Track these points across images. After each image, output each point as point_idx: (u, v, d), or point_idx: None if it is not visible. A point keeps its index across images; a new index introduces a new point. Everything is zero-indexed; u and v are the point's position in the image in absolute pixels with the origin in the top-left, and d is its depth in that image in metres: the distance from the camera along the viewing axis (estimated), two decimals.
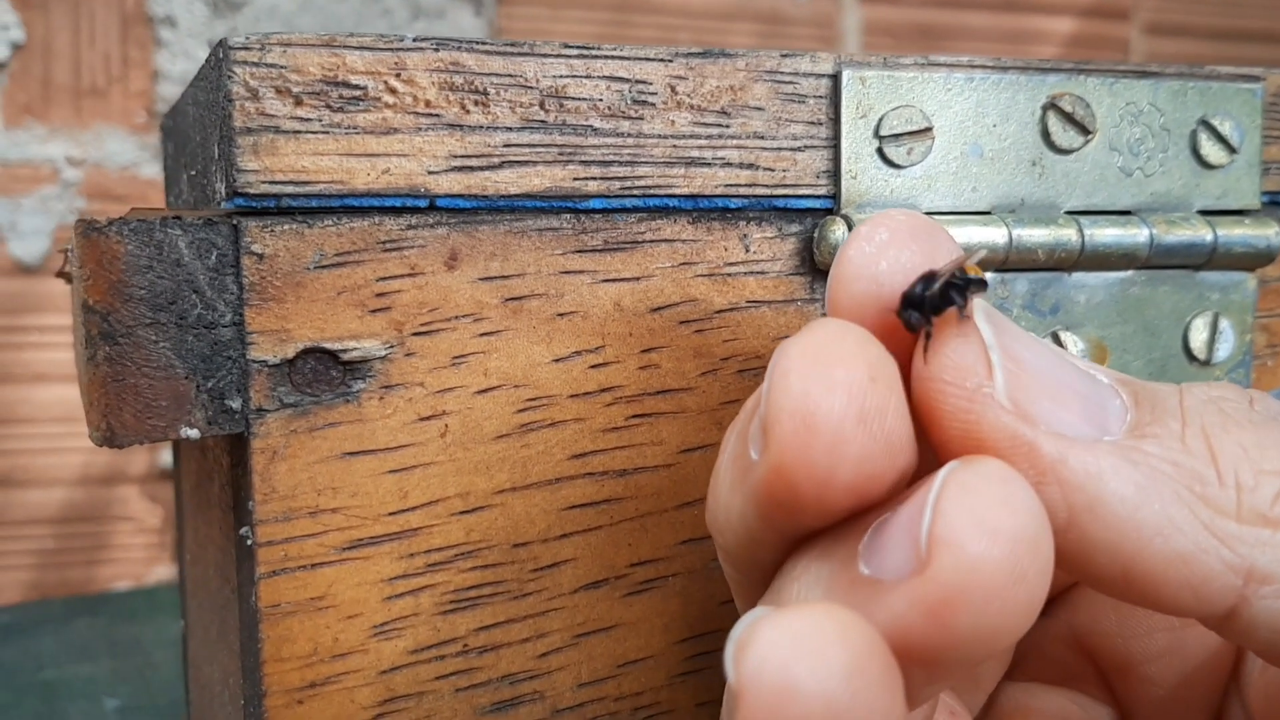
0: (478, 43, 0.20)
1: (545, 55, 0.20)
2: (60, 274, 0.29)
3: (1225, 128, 0.24)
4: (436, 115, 0.20)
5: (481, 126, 0.20)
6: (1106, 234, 0.23)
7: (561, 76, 0.20)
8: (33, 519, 0.71)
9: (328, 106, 0.19)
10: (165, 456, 0.72)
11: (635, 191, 0.21)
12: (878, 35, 0.93)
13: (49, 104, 0.71)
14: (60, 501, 0.72)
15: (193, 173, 0.24)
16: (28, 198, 0.70)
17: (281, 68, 0.19)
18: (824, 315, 0.22)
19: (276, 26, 0.74)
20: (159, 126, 0.34)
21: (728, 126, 0.21)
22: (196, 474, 0.27)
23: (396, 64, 0.20)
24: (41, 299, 0.71)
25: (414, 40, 0.20)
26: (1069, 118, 0.23)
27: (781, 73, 0.22)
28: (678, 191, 0.21)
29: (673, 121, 0.21)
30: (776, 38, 0.89)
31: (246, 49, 0.19)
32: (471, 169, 0.20)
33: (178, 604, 0.58)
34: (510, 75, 0.20)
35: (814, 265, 0.22)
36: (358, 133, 0.19)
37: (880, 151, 0.22)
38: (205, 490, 0.25)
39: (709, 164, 0.21)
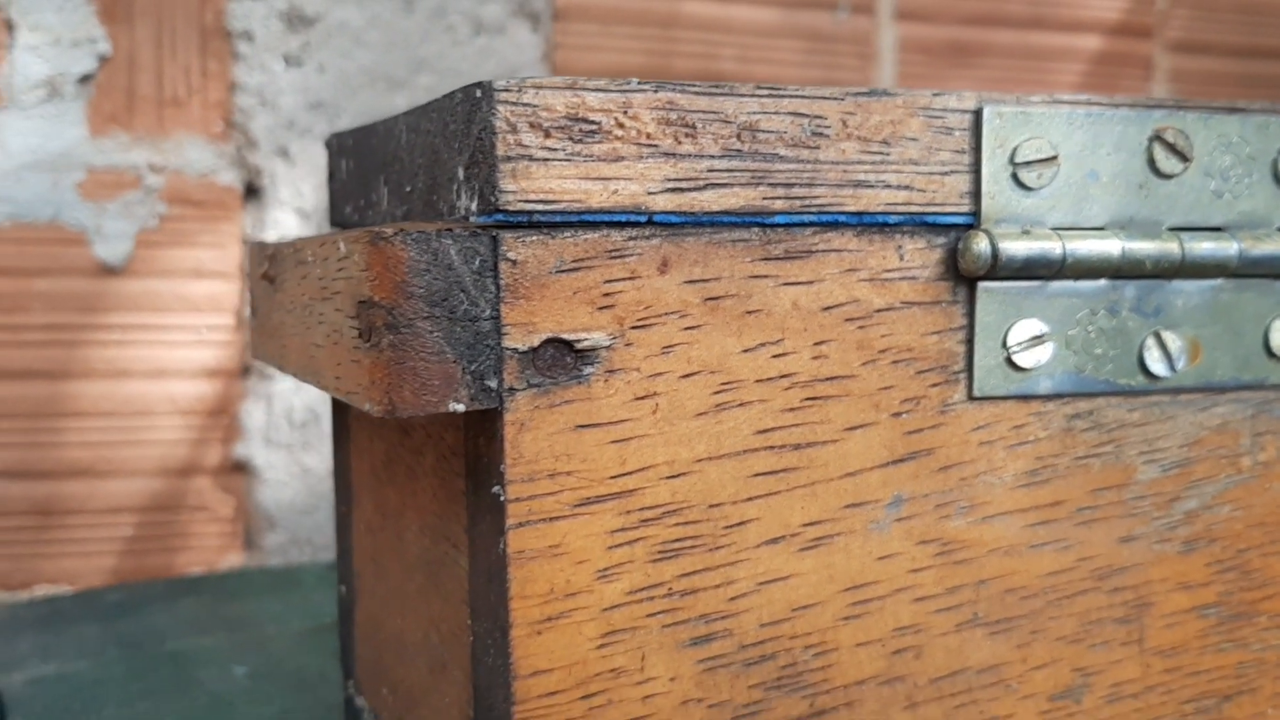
0: (688, 85, 0.24)
1: (741, 95, 0.24)
2: (264, 276, 0.33)
3: None
4: (655, 145, 0.24)
5: (690, 155, 0.24)
6: (1202, 247, 0.27)
7: (754, 113, 0.24)
8: (113, 508, 0.75)
9: (570, 138, 0.23)
10: (238, 450, 0.76)
11: (812, 209, 0.25)
12: (912, 52, 0.97)
13: (133, 113, 0.74)
14: (139, 492, 0.76)
15: (408, 189, 0.28)
16: (112, 202, 0.73)
17: (535, 106, 0.23)
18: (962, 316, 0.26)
19: (347, 42, 0.78)
20: (324, 144, 0.37)
21: (888, 154, 0.25)
22: (387, 454, 0.31)
23: (625, 103, 0.23)
24: (123, 299, 0.74)
25: (638, 83, 0.24)
26: (1171, 148, 0.27)
27: (933, 108, 0.25)
28: (847, 209, 0.25)
29: (844, 150, 0.25)
30: (816, 54, 0.93)
31: (508, 90, 0.23)
32: (682, 190, 0.24)
33: (273, 584, 0.62)
34: (713, 112, 0.24)
35: (957, 272, 0.26)
36: (593, 160, 0.23)
37: (1014, 176, 0.26)
38: (409, 464, 0.29)
39: (873, 186, 0.25)
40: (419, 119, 0.27)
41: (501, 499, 0.23)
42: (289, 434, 0.78)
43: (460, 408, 0.23)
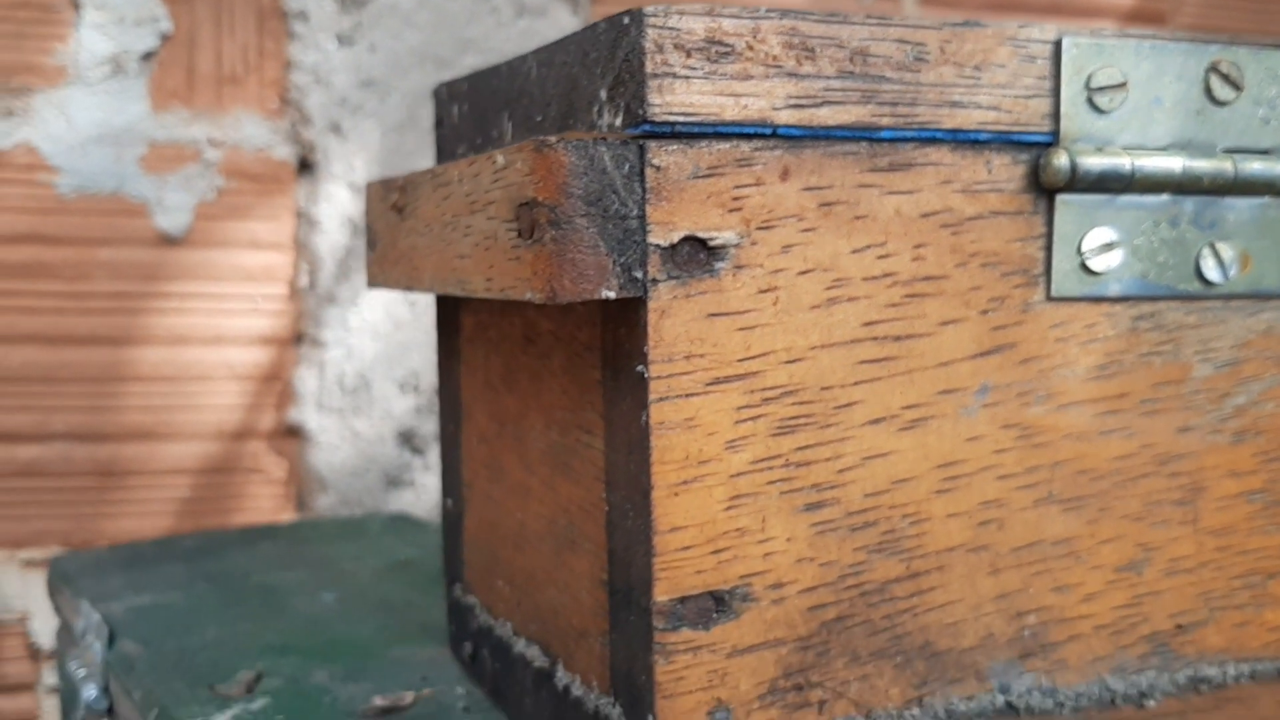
0: (809, 13, 0.27)
1: (854, 23, 0.28)
2: (394, 207, 0.36)
3: None
4: (780, 66, 0.27)
5: (810, 75, 0.27)
6: (1252, 168, 0.30)
7: (865, 39, 0.28)
8: (171, 469, 0.78)
9: (708, 59, 0.26)
10: (292, 414, 0.79)
11: (914, 125, 0.28)
12: None
13: (193, 90, 0.78)
14: (196, 454, 0.79)
15: (539, 119, 0.31)
16: (172, 175, 0.77)
17: (678, 30, 0.26)
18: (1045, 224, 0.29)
19: (397, 23, 0.81)
20: (432, 94, 0.40)
21: (980, 78, 0.29)
22: (505, 366, 0.35)
23: (755, 28, 0.27)
24: (183, 268, 0.78)
25: (766, 11, 0.27)
26: (1226, 78, 0.30)
27: (1019, 39, 0.29)
28: (944, 126, 0.28)
29: (941, 74, 0.28)
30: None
31: (655, 15, 0.26)
32: (802, 106, 0.27)
33: (340, 532, 0.65)
34: (830, 38, 0.27)
35: (1039, 185, 0.29)
36: (727, 78, 0.27)
37: (1090, 100, 0.29)
38: (533, 370, 0.33)
39: (966, 106, 0.29)
40: (552, 54, 0.30)
41: (645, 376, 0.27)
42: (340, 399, 0.81)
43: (611, 294, 0.26)
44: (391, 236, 0.36)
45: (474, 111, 0.36)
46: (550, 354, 0.32)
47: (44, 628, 0.75)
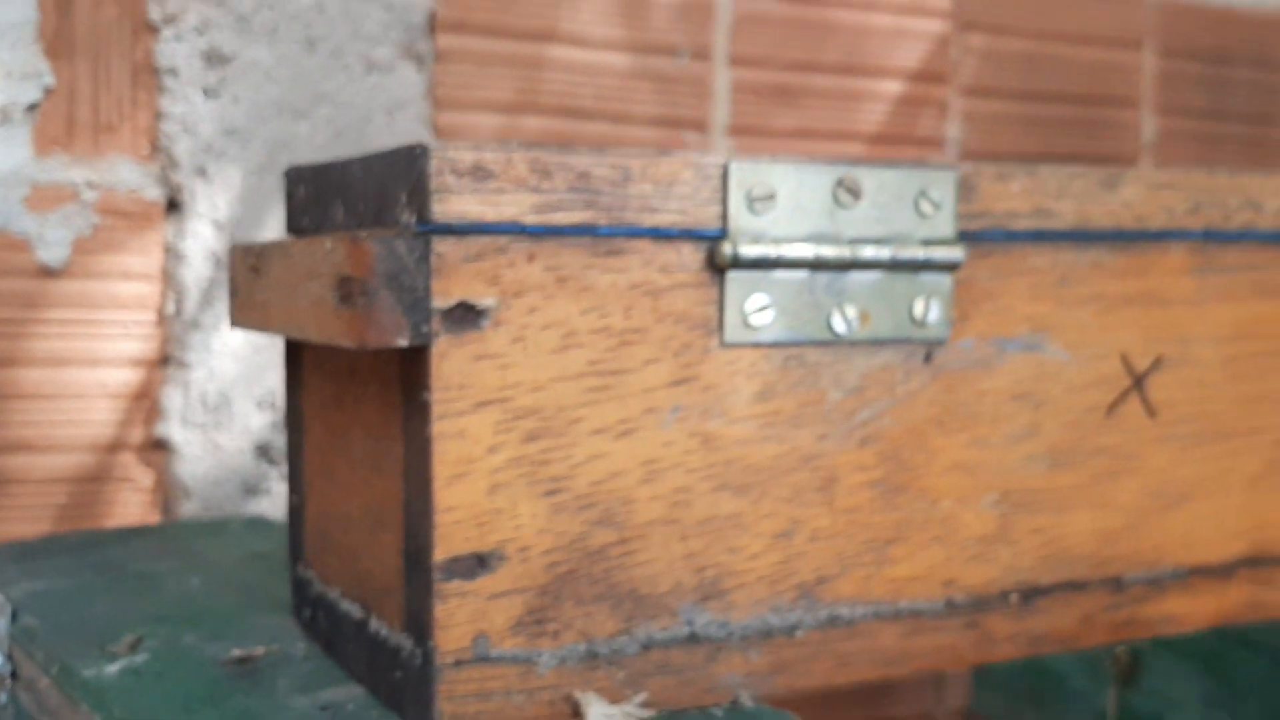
0: (548, 147, 0.39)
1: (580, 154, 0.40)
2: (252, 268, 0.47)
3: (934, 195, 0.44)
4: (525, 183, 0.39)
5: (548, 189, 0.39)
6: (867, 252, 0.43)
7: (587, 165, 0.40)
8: (50, 479, 0.88)
9: (474, 179, 0.38)
10: (159, 429, 0.89)
11: (624, 224, 0.40)
12: (744, 93, 1.14)
13: (72, 137, 0.87)
14: (73, 465, 0.88)
15: (361, 207, 0.42)
16: (53, 213, 0.86)
17: (453, 159, 0.38)
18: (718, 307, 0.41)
19: (259, 78, 0.92)
20: (286, 173, 0.51)
21: (670, 191, 0.41)
22: (336, 390, 0.46)
23: (508, 159, 0.39)
24: (62, 297, 0.87)
25: (517, 144, 0.39)
26: (849, 189, 0.43)
27: (699, 164, 0.41)
28: (645, 224, 0.41)
29: (643, 189, 0.40)
30: (662, 94, 1.09)
31: (438, 148, 0.38)
32: (542, 211, 0.39)
33: (204, 531, 0.75)
34: (562, 164, 0.39)
35: (714, 265, 0.42)
36: (488, 192, 0.38)
37: (749, 206, 0.42)
38: (356, 394, 0.44)
39: (660, 211, 0.41)
40: (371, 162, 0.42)
41: (429, 401, 0.38)
42: (203, 416, 0.91)
43: (405, 344, 0.38)
44: (249, 290, 0.47)
45: (315, 194, 0.47)
46: (367, 383, 0.43)
47: None
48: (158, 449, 0.90)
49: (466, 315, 0.38)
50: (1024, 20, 1.28)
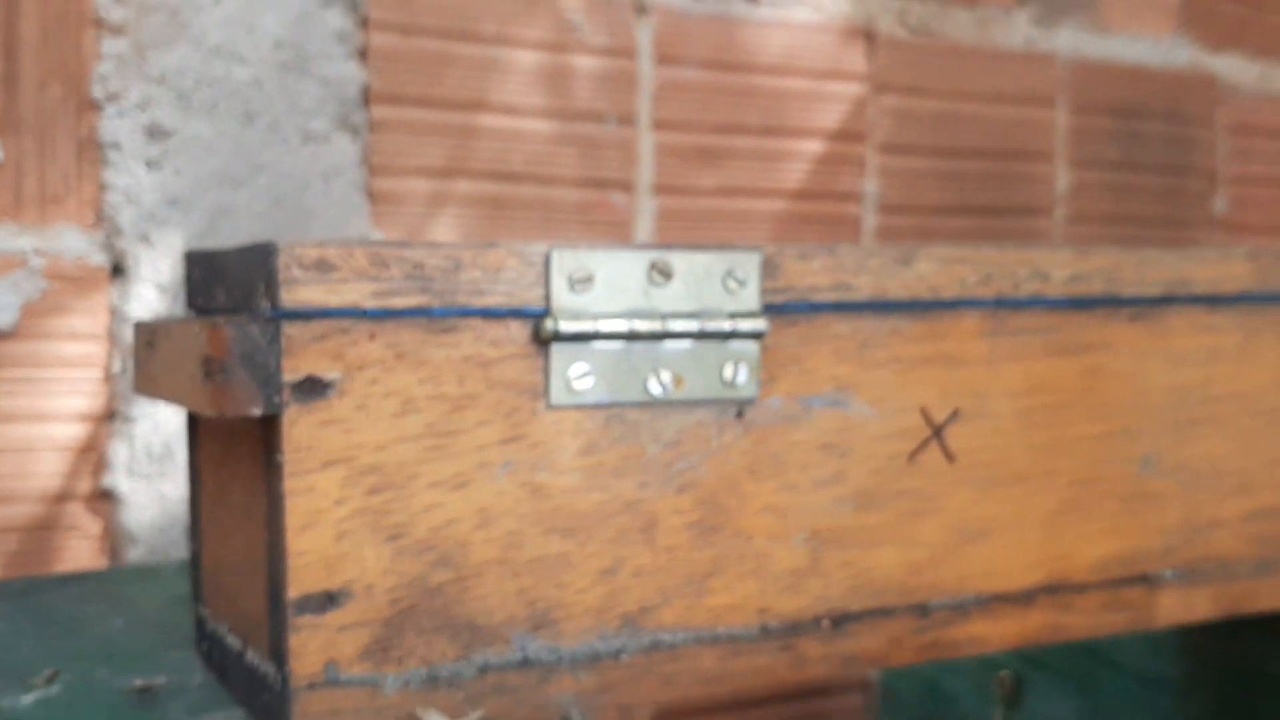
0: (385, 242, 0.46)
1: (415, 246, 0.46)
2: (147, 343, 0.53)
3: (739, 274, 0.50)
4: (365, 273, 0.45)
5: (385, 278, 0.46)
6: (680, 324, 0.49)
7: (421, 256, 0.46)
8: (2, 528, 0.93)
9: (319, 270, 0.45)
10: (105, 480, 0.95)
11: (455, 306, 0.47)
12: (668, 155, 1.21)
13: (20, 208, 0.94)
14: (23, 514, 0.94)
15: (235, 291, 0.49)
16: (3, 279, 0.92)
17: (300, 254, 0.44)
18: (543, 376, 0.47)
19: (199, 150, 0.99)
20: (184, 256, 0.58)
21: (498, 277, 0.47)
22: (222, 450, 0.52)
23: (349, 253, 0.45)
24: (11, 357, 0.93)
25: (357, 241, 0.45)
26: (661, 270, 0.49)
27: (523, 253, 0.48)
28: (476, 305, 0.47)
29: (473, 275, 0.47)
30: (589, 157, 1.16)
31: (286, 246, 0.44)
32: (381, 296, 0.46)
33: (139, 576, 0.81)
34: (399, 256, 0.46)
35: (540, 338, 0.48)
36: (331, 282, 0.45)
37: (570, 287, 0.48)
38: (234, 453, 0.50)
39: (489, 294, 0.47)
40: (241, 255, 0.48)
41: (281, 462, 0.44)
42: (148, 466, 0.97)
43: (259, 412, 0.44)
44: (145, 362, 0.53)
45: (205, 277, 0.53)
46: (241, 444, 0.49)
47: None
48: (105, 499, 0.96)
49: (314, 387, 0.45)
50: (938, 82, 1.35)
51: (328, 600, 0.45)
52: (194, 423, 0.57)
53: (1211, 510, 0.61)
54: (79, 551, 0.97)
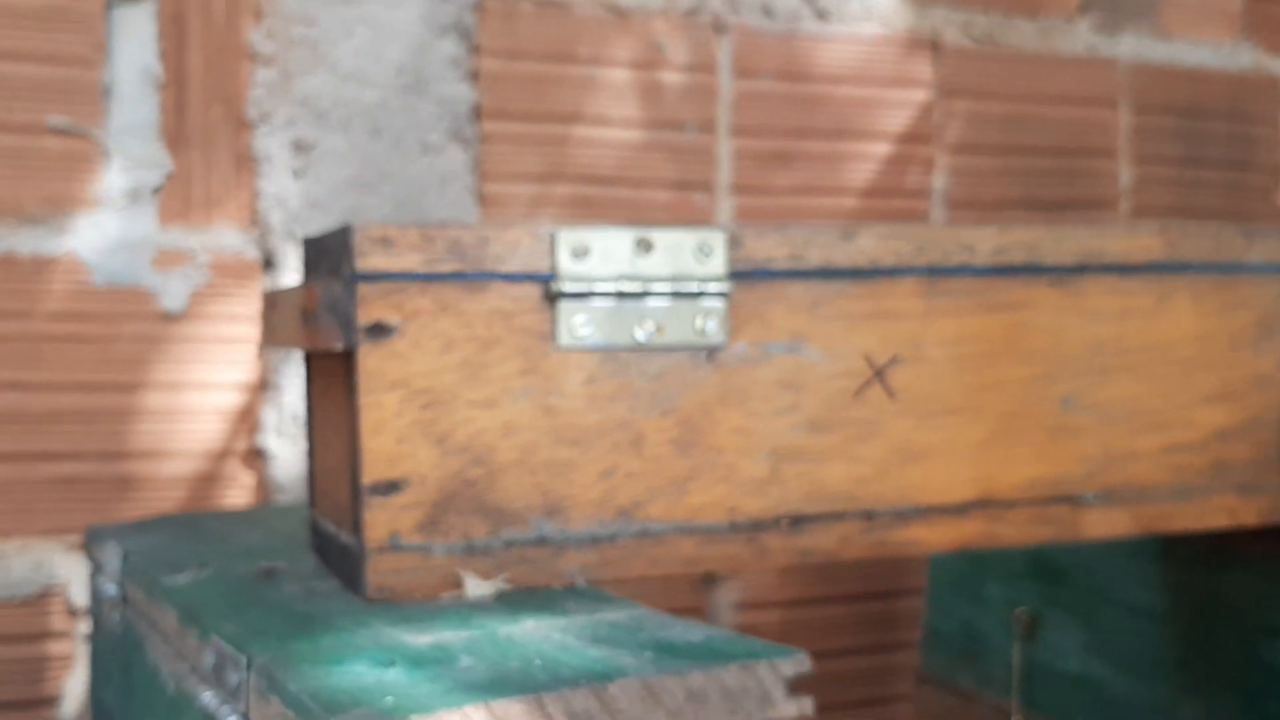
0: (433, 224, 0.62)
1: (454, 227, 0.62)
2: (268, 304, 0.71)
3: (709, 246, 0.66)
4: (416, 247, 0.62)
5: (431, 251, 0.62)
6: (659, 286, 0.65)
7: (456, 235, 0.62)
8: (173, 479, 1.13)
9: (382, 245, 0.61)
10: (258, 439, 1.14)
11: (484, 271, 0.63)
12: (744, 158, 1.37)
13: (188, 211, 1.13)
14: (190, 469, 1.13)
15: (330, 262, 0.66)
16: (174, 271, 1.12)
17: (370, 234, 0.61)
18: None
19: (335, 162, 1.17)
20: (301, 241, 0.75)
21: (517, 249, 0.63)
22: (325, 381, 0.69)
23: (404, 231, 0.62)
24: (182, 337, 1.13)
25: (412, 225, 0.62)
26: (644, 243, 0.65)
27: (536, 233, 0.63)
28: (500, 271, 0.63)
29: (498, 250, 0.63)
30: (673, 161, 1.32)
31: (359, 227, 0.61)
32: (428, 263, 0.62)
33: (283, 513, 0.99)
34: (443, 234, 0.62)
35: (549, 296, 0.64)
36: (392, 253, 0.61)
37: (573, 256, 0.64)
38: (330, 384, 0.67)
39: (510, 261, 0.63)
40: (334, 236, 0.65)
41: (356, 384, 0.61)
42: (293, 428, 1.16)
43: (340, 348, 0.61)
44: (268, 319, 0.71)
45: (314, 254, 0.71)
46: (334, 377, 0.66)
47: (79, 593, 1.09)
48: (257, 455, 1.15)
49: (380, 330, 0.61)
50: (1002, 86, 1.47)
51: (391, 486, 0.61)
52: (308, 364, 0.74)
53: (1129, 443, 0.74)
54: (236, 500, 1.16)
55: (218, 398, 1.15)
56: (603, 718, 0.45)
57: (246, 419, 1.17)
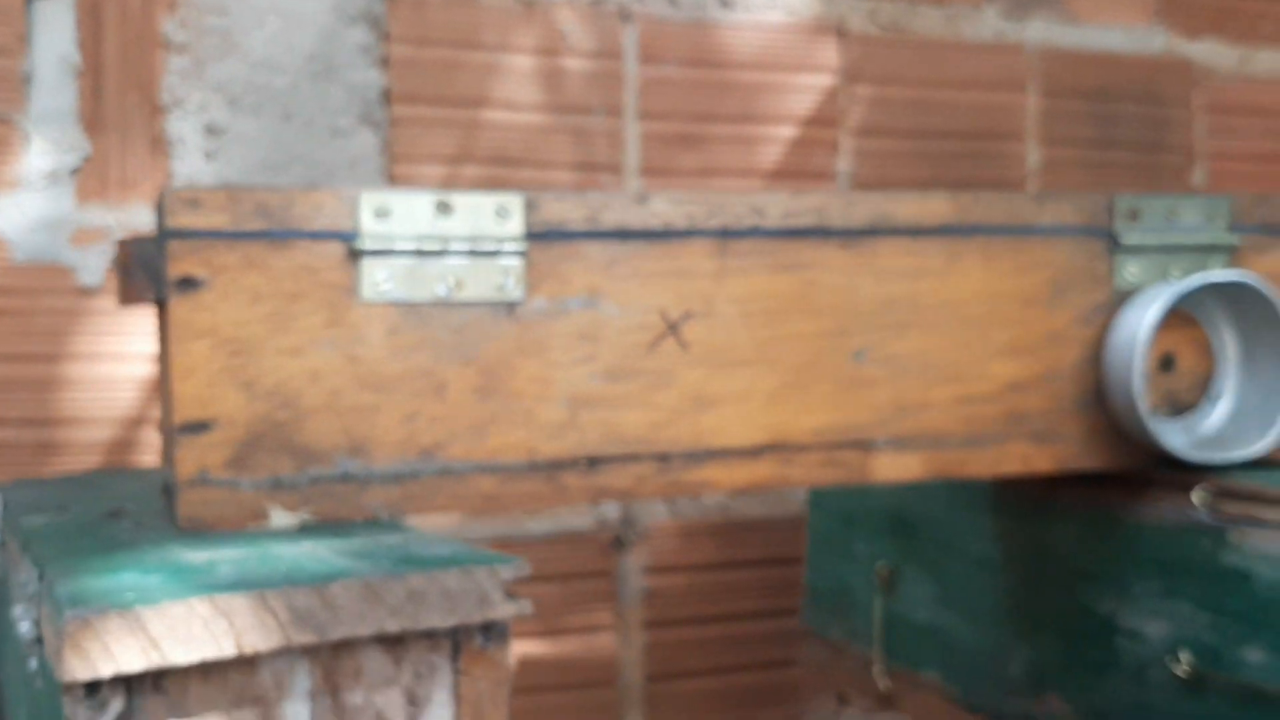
0: (241, 186, 0.68)
1: (260, 190, 0.68)
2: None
3: (507, 209, 0.71)
4: (224, 207, 0.68)
5: (238, 210, 0.68)
6: (457, 244, 0.70)
7: (264, 196, 0.68)
8: (88, 445, 1.19)
9: (191, 205, 0.67)
10: None
11: (290, 229, 0.69)
12: (652, 141, 1.42)
13: (105, 191, 1.20)
14: (108, 436, 1.19)
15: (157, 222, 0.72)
16: (92, 247, 1.18)
17: (180, 195, 0.67)
18: None
19: (246, 145, 1.23)
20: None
21: (322, 210, 0.69)
22: (159, 328, 0.75)
23: (213, 194, 0.67)
24: (98, 310, 1.19)
25: (209, 188, 0.67)
26: (445, 207, 0.70)
27: (341, 195, 0.69)
28: (307, 229, 0.69)
29: (304, 210, 0.69)
30: (580, 145, 1.38)
31: (172, 190, 0.67)
32: (236, 222, 0.68)
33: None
34: (250, 195, 0.68)
35: (354, 253, 0.69)
36: (200, 212, 0.67)
37: (375, 216, 0.69)
38: (160, 332, 0.73)
39: (317, 220, 0.69)
40: (160, 199, 0.71)
41: (167, 333, 0.67)
42: None
43: (152, 300, 0.66)
44: (120, 278, 0.77)
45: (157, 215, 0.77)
46: (160, 324, 0.72)
47: None
48: None
49: (189, 283, 0.67)
50: (908, 71, 1.53)
51: (200, 426, 0.67)
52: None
53: (922, 393, 0.79)
54: (151, 463, 1.22)
55: (132, 368, 1.21)
56: (324, 612, 0.51)
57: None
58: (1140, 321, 0.79)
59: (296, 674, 0.51)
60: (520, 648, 1.34)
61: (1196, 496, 0.79)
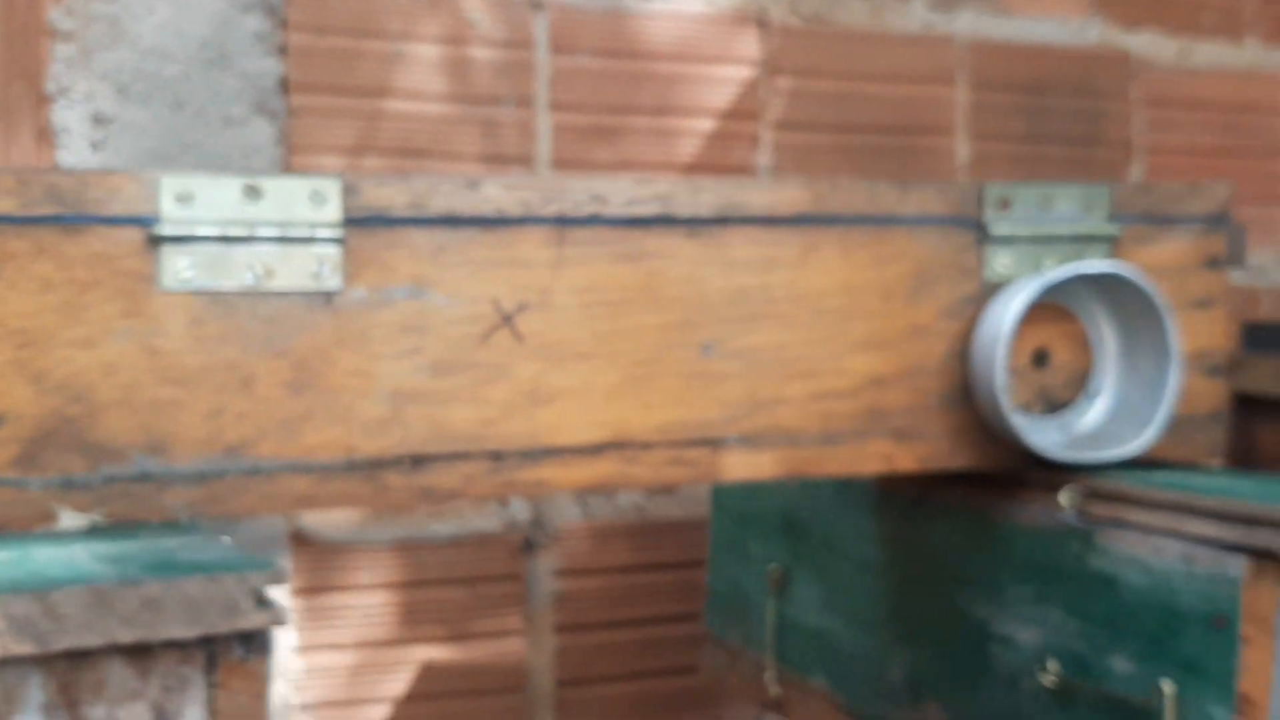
0: (31, 169, 0.64)
1: (52, 173, 0.65)
2: None
3: (323, 194, 0.68)
4: (12, 191, 0.64)
5: (28, 195, 0.64)
6: (267, 230, 0.67)
7: (53, 179, 0.65)
8: None
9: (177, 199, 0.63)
10: None
11: (84, 214, 0.65)
12: (565, 133, 1.39)
13: None
14: None
15: None
16: None
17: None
18: None
19: (135, 134, 1.20)
20: None
21: (119, 194, 0.65)
22: None
23: (1, 178, 0.64)
24: None
25: (12, 169, 0.64)
26: (253, 191, 0.67)
27: (139, 178, 0.66)
28: (100, 214, 0.65)
29: (99, 194, 0.65)
30: (490, 137, 1.34)
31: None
32: (25, 206, 0.64)
33: None
34: (39, 179, 0.64)
35: (152, 240, 0.66)
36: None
37: (177, 202, 0.66)
38: None
39: (110, 205, 0.65)
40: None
41: None
42: None
43: None
44: None
45: None
46: None
47: None
48: None
49: None
50: (832, 64, 1.49)
51: None
52: None
53: (775, 389, 0.76)
54: None
55: None
56: (46, 621, 0.47)
57: None
58: (1004, 314, 0.76)
59: (28, 686, 0.48)
60: (426, 653, 1.30)
61: (1064, 497, 0.76)
